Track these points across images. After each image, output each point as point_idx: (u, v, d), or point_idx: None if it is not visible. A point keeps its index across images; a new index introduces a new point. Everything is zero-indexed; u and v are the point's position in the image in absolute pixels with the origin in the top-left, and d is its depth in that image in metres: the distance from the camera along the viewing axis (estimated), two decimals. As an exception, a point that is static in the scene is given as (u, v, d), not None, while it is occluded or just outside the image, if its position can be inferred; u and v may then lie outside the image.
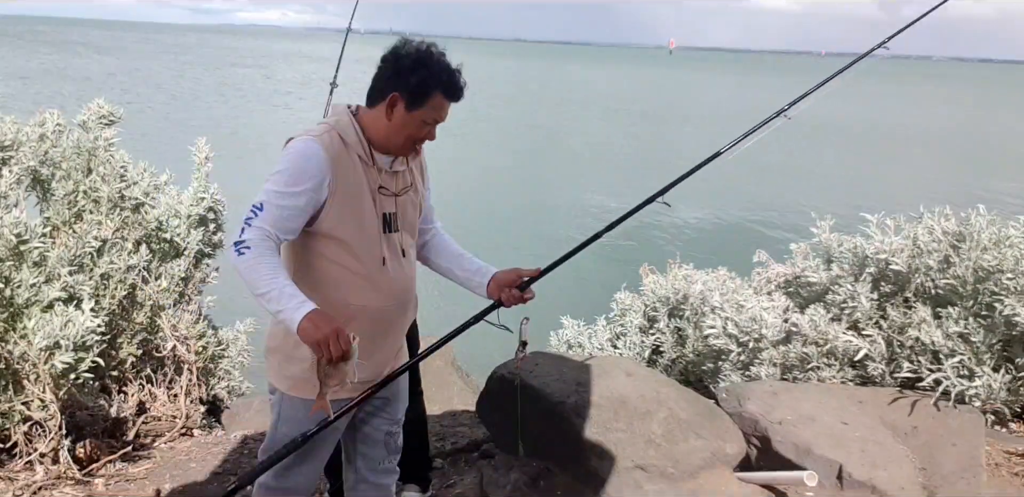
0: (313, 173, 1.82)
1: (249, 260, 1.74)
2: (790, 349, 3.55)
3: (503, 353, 3.00)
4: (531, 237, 13.58)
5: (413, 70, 1.85)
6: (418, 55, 1.86)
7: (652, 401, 3.03)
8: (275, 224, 1.79)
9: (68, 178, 3.87)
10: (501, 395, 3.18)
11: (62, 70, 42.95)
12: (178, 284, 4.04)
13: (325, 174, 1.83)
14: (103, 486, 3.24)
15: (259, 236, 1.76)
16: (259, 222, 1.77)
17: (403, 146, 1.93)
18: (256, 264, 1.73)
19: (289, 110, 30.34)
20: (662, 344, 4.43)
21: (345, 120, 1.92)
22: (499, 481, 2.96)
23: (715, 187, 18.10)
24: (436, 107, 1.89)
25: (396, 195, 1.99)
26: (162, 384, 4.01)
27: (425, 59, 1.86)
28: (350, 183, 1.88)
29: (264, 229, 1.77)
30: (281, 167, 1.84)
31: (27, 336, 3.00)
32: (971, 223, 3.36)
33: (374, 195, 1.93)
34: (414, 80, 1.84)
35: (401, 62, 1.86)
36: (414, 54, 1.86)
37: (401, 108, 1.87)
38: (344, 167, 1.87)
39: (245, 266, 1.74)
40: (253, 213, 1.79)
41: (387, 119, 1.89)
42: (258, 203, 1.80)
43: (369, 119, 1.92)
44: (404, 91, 1.85)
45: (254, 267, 1.73)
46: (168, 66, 54.93)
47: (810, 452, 2.84)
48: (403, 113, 1.88)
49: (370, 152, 1.91)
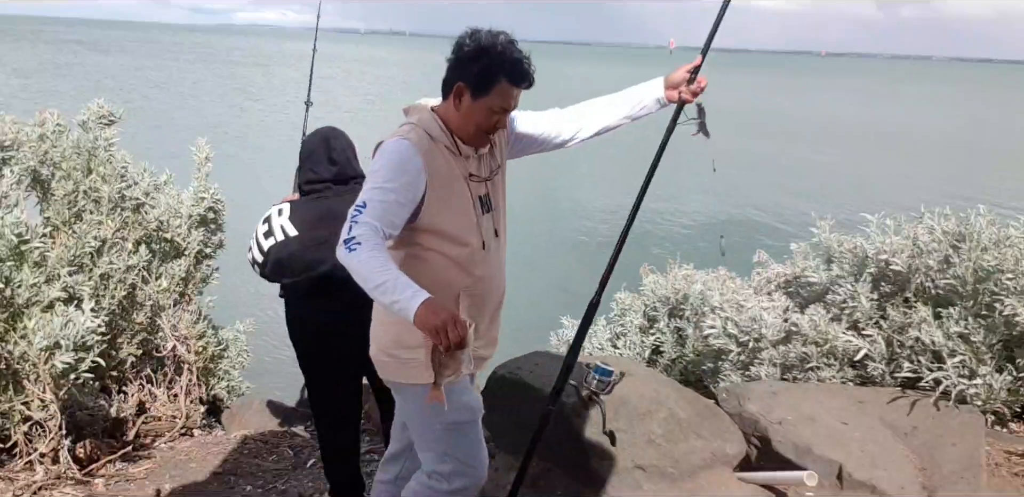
0: (407, 168, 1.87)
1: (360, 255, 1.75)
2: (790, 349, 3.54)
3: (503, 353, 3.00)
4: (531, 235, 13.58)
5: (475, 58, 1.87)
6: (479, 43, 1.88)
7: (652, 401, 3.03)
8: (380, 219, 1.81)
9: (68, 178, 3.87)
10: (501, 395, 3.18)
11: (62, 70, 42.94)
12: (178, 284, 4.05)
13: (420, 169, 1.88)
14: (103, 486, 3.25)
15: (367, 231, 1.78)
16: (364, 218, 1.80)
17: (474, 136, 1.97)
18: (367, 258, 1.75)
19: (289, 110, 30.33)
20: (662, 344, 4.43)
21: (426, 116, 1.96)
22: (499, 481, 2.96)
23: (715, 187, 18.10)
24: (502, 94, 1.89)
25: (487, 179, 2.04)
26: (162, 384, 4.02)
27: (487, 47, 1.87)
28: (443, 175, 1.93)
29: (371, 223, 1.80)
30: (376, 166, 1.89)
31: (27, 336, 3.00)
32: (971, 223, 3.35)
33: (467, 182, 1.98)
34: (476, 68, 1.87)
35: (464, 52, 1.89)
36: (476, 43, 1.88)
37: (467, 97, 1.90)
38: (435, 160, 1.92)
39: (356, 261, 1.76)
40: (357, 211, 1.82)
41: (455, 110, 1.93)
42: (361, 202, 1.83)
43: (443, 112, 1.97)
44: (468, 80, 1.88)
45: (365, 262, 1.75)
46: (168, 66, 54.93)
47: (810, 452, 2.84)
48: (469, 102, 1.90)
49: (455, 142, 1.96)
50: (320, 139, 2.72)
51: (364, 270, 1.75)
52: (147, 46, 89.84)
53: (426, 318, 1.68)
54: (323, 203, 2.66)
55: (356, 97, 37.89)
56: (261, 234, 2.65)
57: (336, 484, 2.98)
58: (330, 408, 2.88)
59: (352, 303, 2.63)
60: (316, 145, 2.71)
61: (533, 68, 1.91)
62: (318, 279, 2.61)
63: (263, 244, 2.64)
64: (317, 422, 2.99)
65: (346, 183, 2.69)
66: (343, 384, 2.80)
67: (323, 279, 2.60)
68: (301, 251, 2.60)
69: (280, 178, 16.41)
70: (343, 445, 2.94)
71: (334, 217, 2.62)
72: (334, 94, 36.70)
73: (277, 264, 2.64)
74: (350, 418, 2.92)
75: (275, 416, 4.32)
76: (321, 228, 2.58)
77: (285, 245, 2.60)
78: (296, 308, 2.74)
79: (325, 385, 2.83)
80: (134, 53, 71.34)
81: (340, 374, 2.77)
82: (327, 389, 2.83)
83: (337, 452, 2.94)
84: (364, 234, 1.78)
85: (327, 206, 2.64)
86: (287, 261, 2.62)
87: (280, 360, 7.32)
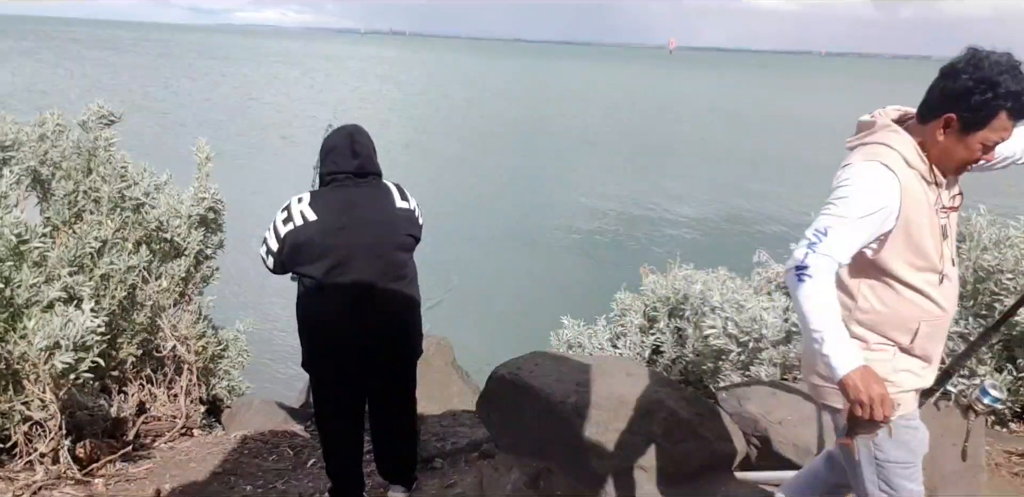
0: (883, 200, 1.75)
1: (809, 290, 1.68)
2: (790, 349, 3.55)
3: (503, 353, 3.00)
4: (531, 236, 13.58)
5: (975, 91, 1.70)
6: (983, 74, 1.69)
7: (652, 401, 3.03)
8: (840, 251, 1.72)
9: (68, 178, 3.87)
10: (501, 395, 3.18)
11: (62, 69, 42.92)
12: (178, 284, 4.04)
13: (895, 201, 1.76)
14: (103, 486, 3.24)
15: (824, 266, 1.69)
16: (824, 248, 1.70)
17: (954, 169, 1.84)
18: (816, 297, 1.68)
19: (289, 110, 30.33)
20: (662, 344, 4.43)
21: (903, 139, 1.82)
22: (499, 481, 2.96)
23: (716, 187, 18.10)
24: (999, 129, 1.73)
25: (955, 209, 1.89)
26: (162, 384, 4.02)
27: (992, 80, 1.69)
28: (916, 205, 1.80)
29: (829, 257, 1.71)
30: (847, 192, 1.76)
31: (27, 336, 3.00)
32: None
33: (936, 212, 1.84)
34: (975, 101, 1.70)
35: (961, 80, 1.72)
36: (978, 71, 1.70)
37: (957, 129, 1.75)
38: (911, 191, 1.79)
39: (803, 296, 1.69)
40: (817, 238, 1.72)
41: (937, 139, 1.78)
42: (822, 227, 1.73)
43: (920, 136, 1.81)
44: (962, 112, 1.73)
45: (812, 299, 1.68)
46: (168, 66, 54.92)
47: (810, 452, 2.84)
48: (958, 135, 1.75)
49: (932, 171, 1.81)
50: (345, 134, 2.79)
51: (807, 308, 1.68)
52: (147, 46, 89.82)
53: (856, 388, 1.62)
54: (344, 192, 2.71)
55: (354, 96, 37.88)
56: (280, 221, 2.69)
57: (335, 477, 2.97)
58: (333, 402, 2.88)
59: (361, 297, 2.65)
60: (340, 139, 2.77)
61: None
62: (332, 268, 2.63)
63: (280, 230, 2.67)
64: (318, 417, 2.98)
65: (365, 176, 2.75)
66: (347, 379, 2.81)
67: (336, 268, 2.63)
68: (320, 236, 2.63)
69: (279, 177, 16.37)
70: (345, 441, 2.93)
71: (353, 205, 2.67)
72: (336, 94, 36.68)
73: (294, 248, 2.66)
74: (353, 413, 2.91)
75: (275, 416, 4.32)
76: (341, 215, 2.64)
77: (304, 229, 2.64)
78: (306, 298, 2.75)
79: (329, 379, 2.83)
80: (134, 53, 71.33)
81: (345, 368, 2.77)
82: (330, 383, 2.84)
83: (338, 448, 2.93)
84: (819, 267, 1.69)
85: (347, 195, 2.70)
86: (305, 246, 2.64)
87: (280, 360, 7.33)
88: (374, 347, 2.73)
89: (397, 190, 2.79)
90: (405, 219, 2.75)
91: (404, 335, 2.83)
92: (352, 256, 2.63)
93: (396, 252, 2.72)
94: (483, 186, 18.03)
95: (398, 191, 2.78)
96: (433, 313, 9.79)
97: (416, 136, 24.15)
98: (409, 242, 2.77)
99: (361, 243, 2.63)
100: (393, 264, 2.71)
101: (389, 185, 2.80)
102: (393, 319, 2.77)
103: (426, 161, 19.90)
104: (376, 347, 2.74)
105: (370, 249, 2.64)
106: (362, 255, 2.63)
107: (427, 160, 20.11)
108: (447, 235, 13.11)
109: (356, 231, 2.63)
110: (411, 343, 2.88)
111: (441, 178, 18.51)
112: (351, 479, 2.97)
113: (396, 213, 2.73)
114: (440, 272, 11.33)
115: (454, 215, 14.60)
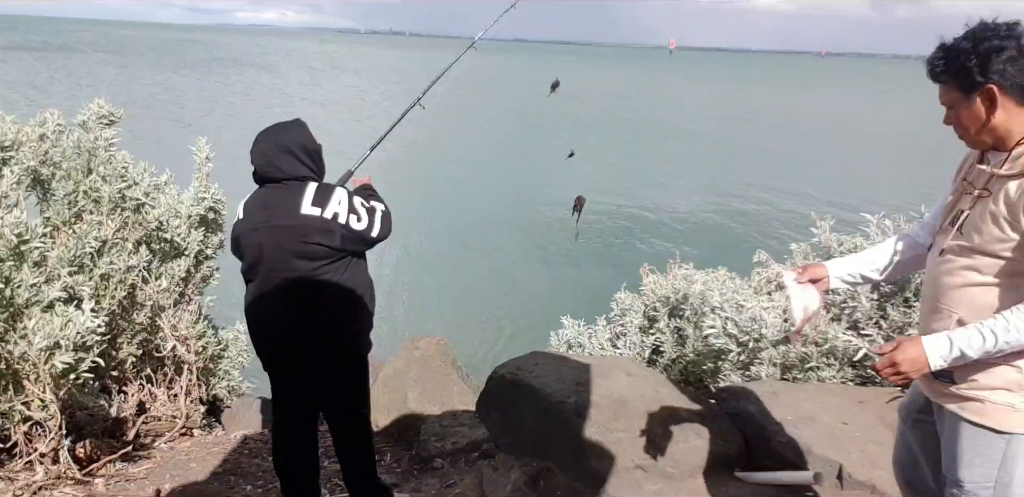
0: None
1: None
2: (790, 349, 3.55)
3: (503, 353, 3.00)
4: (531, 236, 13.58)
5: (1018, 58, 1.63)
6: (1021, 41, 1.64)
7: (652, 401, 3.03)
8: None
9: (68, 178, 3.86)
10: (501, 395, 3.18)
11: (62, 69, 42.93)
12: (178, 284, 4.04)
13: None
14: (103, 486, 3.24)
15: None
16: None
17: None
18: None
19: (288, 109, 30.34)
20: (662, 344, 4.43)
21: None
22: (499, 481, 2.96)
23: (716, 187, 18.10)
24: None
25: (976, 194, 1.76)
26: (162, 384, 4.01)
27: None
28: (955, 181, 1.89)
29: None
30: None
31: (27, 336, 2.99)
32: None
33: (957, 188, 1.87)
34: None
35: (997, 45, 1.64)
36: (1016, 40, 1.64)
37: (1009, 102, 1.67)
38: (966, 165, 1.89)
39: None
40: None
41: (986, 115, 1.70)
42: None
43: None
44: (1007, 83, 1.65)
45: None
46: (168, 66, 54.91)
47: (810, 452, 2.84)
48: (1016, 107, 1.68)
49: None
50: (260, 135, 2.72)
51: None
52: (147, 46, 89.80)
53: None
54: (267, 192, 2.67)
55: (354, 96, 37.84)
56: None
57: (278, 474, 2.89)
58: (275, 399, 2.86)
59: (273, 296, 2.62)
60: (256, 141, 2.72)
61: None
62: (251, 267, 2.65)
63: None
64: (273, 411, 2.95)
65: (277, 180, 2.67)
66: (278, 375, 2.79)
67: (255, 267, 2.63)
68: (244, 234, 2.66)
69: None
70: (283, 442, 2.87)
71: (265, 206, 2.63)
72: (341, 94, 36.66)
73: (232, 242, 2.73)
74: (290, 415, 2.86)
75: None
76: (257, 216, 2.63)
77: (236, 225, 2.70)
78: (246, 292, 2.76)
79: (270, 374, 2.82)
80: (134, 53, 71.32)
81: (275, 366, 2.77)
82: (271, 378, 2.82)
83: (279, 449, 2.88)
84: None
85: (267, 196, 2.65)
86: (235, 241, 2.71)
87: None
88: (296, 350, 2.67)
89: (314, 195, 2.56)
90: (313, 227, 2.54)
91: (323, 338, 2.67)
92: (263, 257, 2.60)
93: (296, 260, 2.57)
94: (483, 186, 18.04)
95: (315, 196, 2.56)
96: (433, 313, 9.79)
97: (416, 136, 24.15)
98: (313, 250, 2.56)
99: (271, 245, 2.58)
100: (296, 270, 2.58)
101: (307, 189, 2.58)
102: (307, 318, 2.64)
103: (426, 161, 19.92)
104: (296, 348, 2.67)
105: (273, 253, 2.58)
106: (268, 258, 2.59)
107: (427, 160, 20.12)
108: (447, 235, 13.12)
109: (265, 233, 2.59)
110: (337, 347, 2.71)
111: (441, 178, 18.53)
112: (295, 482, 2.88)
113: (302, 220, 2.54)
114: (439, 271, 11.34)
115: (454, 215, 14.61)
